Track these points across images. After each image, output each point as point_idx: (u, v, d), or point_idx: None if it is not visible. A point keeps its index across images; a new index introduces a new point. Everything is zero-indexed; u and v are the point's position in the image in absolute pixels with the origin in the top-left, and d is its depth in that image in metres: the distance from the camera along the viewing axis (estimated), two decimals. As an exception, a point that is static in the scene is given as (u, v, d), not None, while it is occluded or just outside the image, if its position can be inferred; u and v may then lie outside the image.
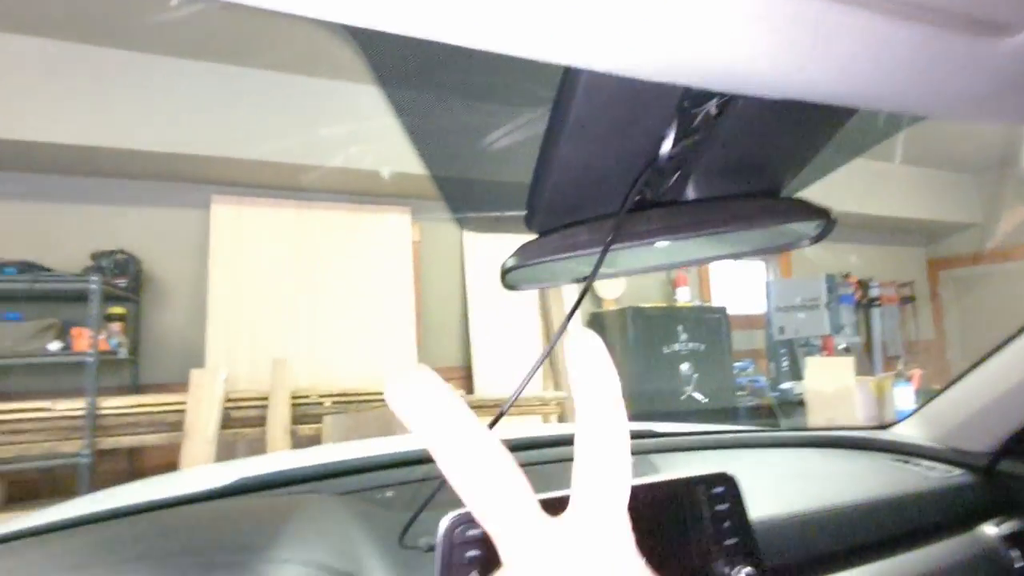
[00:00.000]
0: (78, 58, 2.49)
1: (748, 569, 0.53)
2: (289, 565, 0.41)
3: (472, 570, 0.44)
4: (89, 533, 0.50)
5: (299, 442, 2.64)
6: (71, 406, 2.29)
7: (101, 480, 2.29)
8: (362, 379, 3.01)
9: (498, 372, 3.40)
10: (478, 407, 2.91)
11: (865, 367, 4.48)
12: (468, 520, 0.44)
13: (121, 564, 0.40)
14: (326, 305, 3.13)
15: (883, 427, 1.00)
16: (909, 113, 0.37)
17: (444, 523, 0.44)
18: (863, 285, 5.06)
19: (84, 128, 2.47)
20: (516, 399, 0.34)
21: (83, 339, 2.43)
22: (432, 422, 0.18)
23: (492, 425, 0.32)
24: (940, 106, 0.34)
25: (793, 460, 0.84)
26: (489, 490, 0.18)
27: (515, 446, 0.79)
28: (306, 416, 2.70)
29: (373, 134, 2.89)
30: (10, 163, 2.61)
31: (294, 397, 2.69)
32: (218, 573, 0.38)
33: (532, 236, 0.41)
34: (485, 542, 0.43)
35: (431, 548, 0.46)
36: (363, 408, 2.77)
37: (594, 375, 0.20)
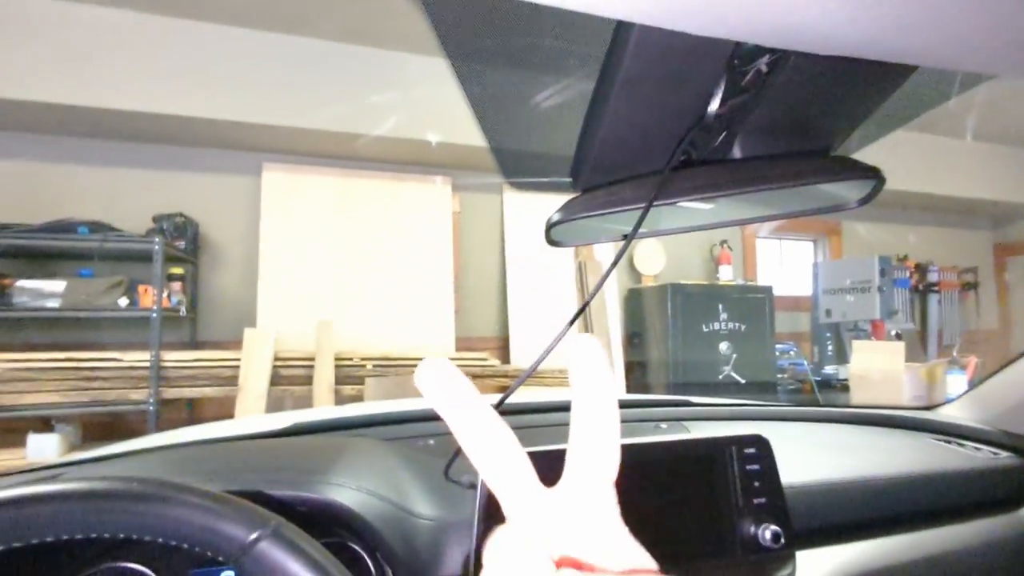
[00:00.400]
0: (139, 28, 2.60)
1: (775, 528, 0.54)
2: (344, 488, 0.45)
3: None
4: (165, 455, 0.56)
5: (342, 401, 2.77)
6: (138, 358, 2.48)
7: (165, 427, 2.48)
8: (402, 344, 3.11)
9: (534, 343, 3.44)
10: (515, 376, 2.96)
11: (918, 355, 4.29)
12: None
13: (192, 476, 0.45)
14: (369, 271, 3.22)
15: (929, 408, 0.97)
16: (971, 71, 0.35)
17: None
18: (921, 269, 4.80)
19: (146, 96, 2.59)
20: (533, 372, 0.36)
21: (147, 296, 2.60)
22: (449, 403, 0.22)
23: (501, 402, 0.37)
24: (1005, 63, 0.33)
25: (830, 433, 0.83)
26: (494, 462, 0.22)
27: (532, 409, 0.82)
28: (349, 377, 2.82)
29: (418, 104, 2.91)
30: (83, 129, 2.78)
31: (338, 358, 2.82)
32: (281, 488, 0.43)
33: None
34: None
35: (472, 485, 0.49)
36: (402, 372, 2.88)
37: (591, 371, 0.23)
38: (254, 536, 0.29)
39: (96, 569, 0.45)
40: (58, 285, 2.49)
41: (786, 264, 4.74)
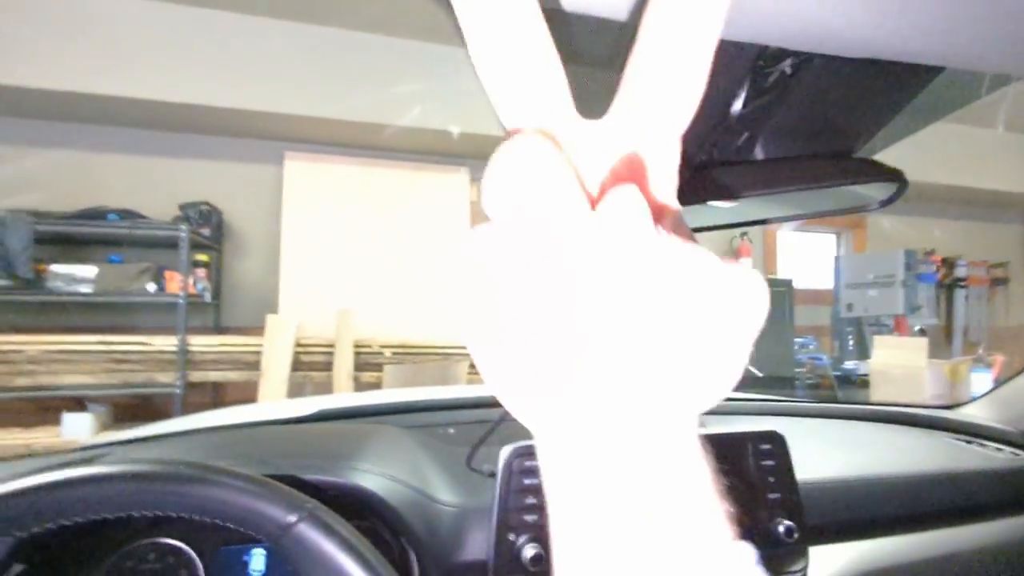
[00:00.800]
0: (167, 19, 2.64)
1: (788, 523, 0.55)
2: (369, 475, 0.47)
3: (528, 496, 0.49)
4: (201, 438, 0.59)
5: (361, 388, 2.83)
6: (165, 342, 2.55)
7: (191, 409, 2.55)
8: (420, 332, 3.14)
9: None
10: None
11: (943, 352, 4.19)
12: (527, 452, 0.48)
13: (227, 459, 0.47)
14: (388, 260, 3.26)
15: (949, 407, 0.96)
16: (996, 72, 0.35)
17: (505, 452, 0.49)
18: (948, 263, 4.68)
19: (172, 85, 2.64)
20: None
21: (174, 282, 2.67)
22: None
23: None
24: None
25: (845, 431, 0.83)
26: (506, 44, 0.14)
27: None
28: (368, 364, 2.87)
29: (438, 94, 2.91)
30: (112, 118, 2.84)
31: (357, 346, 2.86)
32: (309, 472, 0.45)
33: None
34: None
35: (493, 474, 0.51)
36: (420, 360, 2.91)
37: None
38: (293, 518, 0.31)
39: (137, 544, 0.48)
40: (90, 271, 2.57)
41: (807, 257, 4.66)
